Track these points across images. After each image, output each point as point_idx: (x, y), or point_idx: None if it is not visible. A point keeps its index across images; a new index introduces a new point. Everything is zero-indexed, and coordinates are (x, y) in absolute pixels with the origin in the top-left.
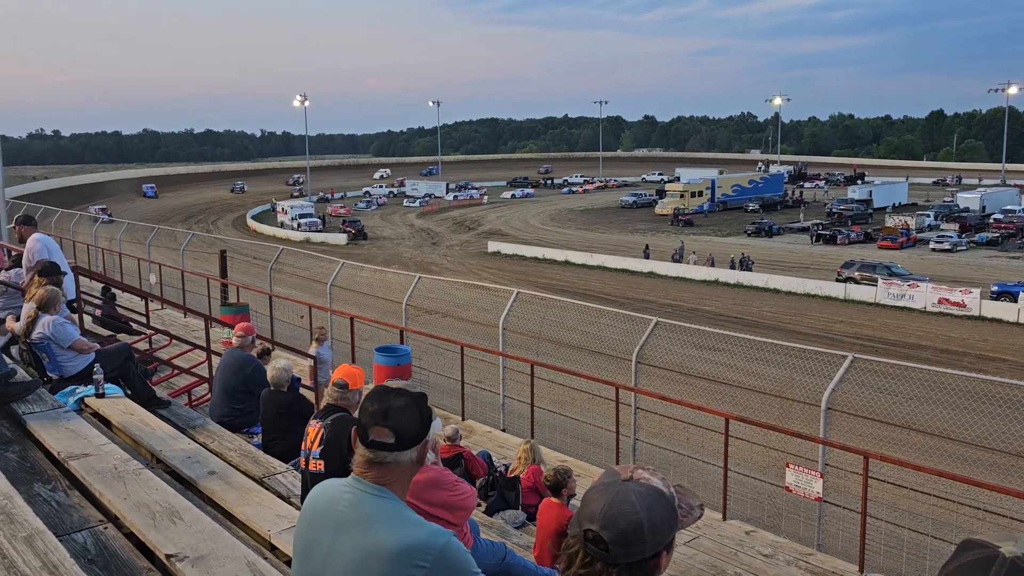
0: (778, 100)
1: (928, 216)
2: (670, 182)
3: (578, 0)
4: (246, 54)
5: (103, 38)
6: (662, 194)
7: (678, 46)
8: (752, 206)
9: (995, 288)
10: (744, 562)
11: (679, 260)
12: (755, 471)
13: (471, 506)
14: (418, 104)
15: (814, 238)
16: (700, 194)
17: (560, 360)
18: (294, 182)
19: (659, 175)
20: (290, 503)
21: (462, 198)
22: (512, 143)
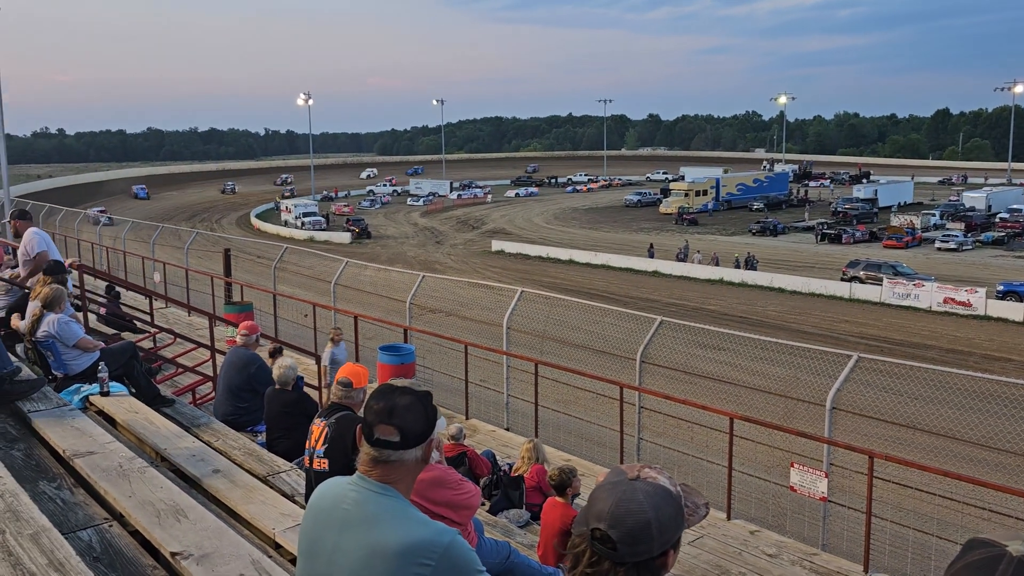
0: (783, 99)
1: (934, 215)
2: (675, 181)
3: None
4: (250, 53)
5: (107, 37)
6: (666, 193)
7: (682, 44)
8: (757, 205)
9: (1001, 287)
10: (748, 562)
11: (683, 259)
12: (760, 471)
13: (475, 505)
14: (422, 103)
15: (819, 237)
16: (705, 193)
17: (564, 359)
18: (283, 182)
19: (663, 174)
20: (294, 501)
21: (466, 197)
22: (516, 142)
